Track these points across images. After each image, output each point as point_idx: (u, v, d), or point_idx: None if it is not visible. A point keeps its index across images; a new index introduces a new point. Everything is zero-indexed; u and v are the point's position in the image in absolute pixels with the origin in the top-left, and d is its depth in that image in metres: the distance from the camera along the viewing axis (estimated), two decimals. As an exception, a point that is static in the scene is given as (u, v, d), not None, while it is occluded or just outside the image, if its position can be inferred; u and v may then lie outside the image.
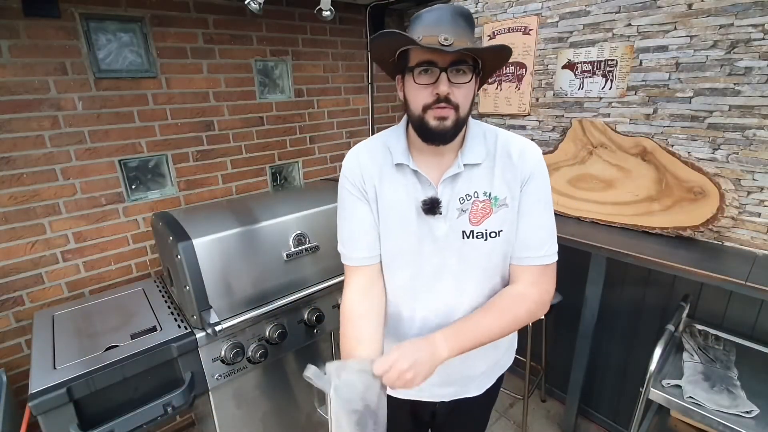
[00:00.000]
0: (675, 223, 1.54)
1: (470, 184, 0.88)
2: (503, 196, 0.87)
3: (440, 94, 0.79)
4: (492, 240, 0.88)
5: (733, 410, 1.15)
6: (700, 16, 1.41)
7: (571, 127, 1.81)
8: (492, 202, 0.87)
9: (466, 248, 0.89)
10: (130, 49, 1.61)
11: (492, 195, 0.87)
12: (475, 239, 0.88)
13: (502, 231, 0.88)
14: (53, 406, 1.11)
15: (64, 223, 1.59)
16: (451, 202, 0.88)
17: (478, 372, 1.04)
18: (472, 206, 0.88)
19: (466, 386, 1.05)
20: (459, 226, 0.88)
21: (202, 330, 1.35)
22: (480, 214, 0.88)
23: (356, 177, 0.93)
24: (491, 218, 0.87)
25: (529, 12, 1.88)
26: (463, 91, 0.81)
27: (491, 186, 0.88)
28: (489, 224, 0.88)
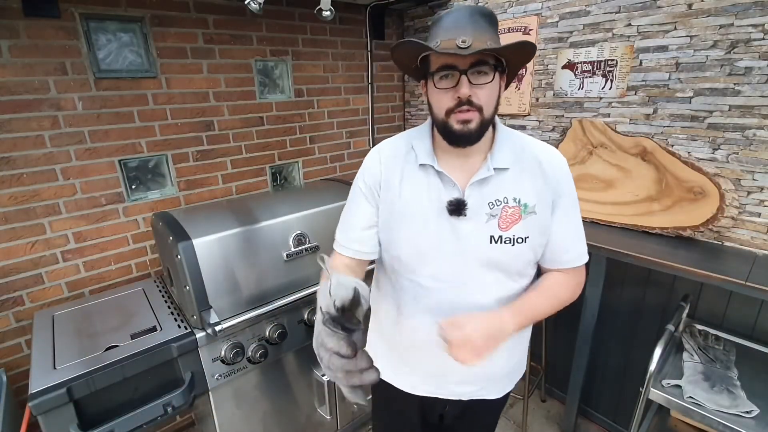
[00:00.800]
0: (675, 223, 1.54)
1: (500, 188, 0.88)
2: (533, 203, 0.88)
3: (461, 97, 0.79)
4: (519, 246, 0.89)
5: (733, 410, 1.15)
6: (700, 16, 1.41)
7: (571, 127, 1.81)
8: (522, 208, 0.88)
9: (492, 253, 0.89)
10: (130, 49, 1.61)
11: (522, 202, 0.88)
12: (504, 244, 0.88)
13: (529, 237, 0.89)
14: (53, 406, 1.11)
15: (64, 223, 1.59)
16: (480, 206, 0.87)
17: (502, 372, 1.04)
18: (502, 212, 0.88)
19: (487, 387, 1.04)
20: (487, 230, 0.88)
21: (202, 330, 1.35)
22: (509, 220, 0.88)
23: (373, 178, 0.95)
24: (520, 224, 0.88)
25: (529, 12, 1.88)
26: (486, 92, 0.81)
27: (521, 192, 0.88)
28: (517, 230, 0.88)
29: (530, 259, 0.93)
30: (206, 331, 1.33)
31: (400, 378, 1.07)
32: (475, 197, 0.87)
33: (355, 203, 0.98)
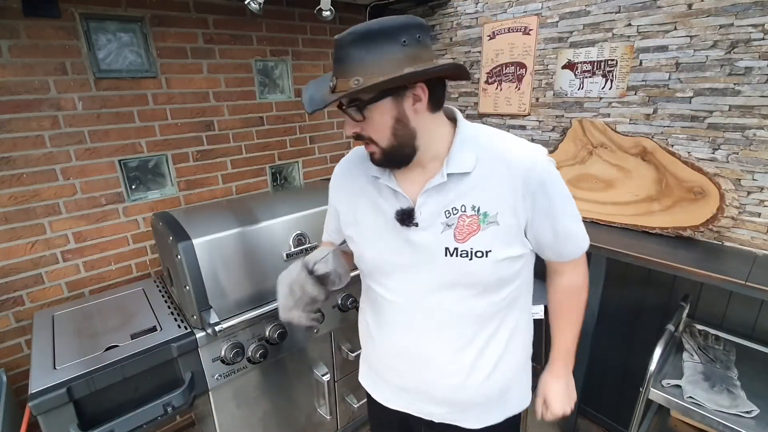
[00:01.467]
0: (675, 223, 1.54)
1: (459, 196, 0.80)
2: (494, 212, 0.79)
3: (347, 135, 0.81)
4: (478, 260, 0.80)
5: (733, 410, 1.15)
6: (700, 16, 1.41)
7: (571, 127, 1.81)
8: (480, 218, 0.80)
9: (449, 267, 0.82)
10: (130, 49, 1.61)
11: (481, 210, 0.80)
12: (459, 257, 0.80)
13: (491, 251, 0.79)
14: (53, 406, 1.11)
15: (64, 223, 1.59)
16: (436, 216, 0.82)
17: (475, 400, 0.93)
18: (458, 221, 0.80)
19: (455, 413, 0.95)
20: (442, 241, 0.81)
21: (202, 330, 1.35)
22: (466, 231, 0.80)
23: (334, 188, 1.01)
24: (478, 236, 0.80)
25: (529, 12, 1.88)
26: (372, 125, 0.76)
27: (482, 200, 0.80)
28: (475, 242, 0.80)
29: (498, 275, 0.82)
30: (206, 331, 1.33)
31: (377, 391, 1.06)
32: (430, 205, 0.82)
33: (329, 208, 1.06)
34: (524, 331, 0.96)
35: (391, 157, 0.80)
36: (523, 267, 0.88)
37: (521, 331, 0.95)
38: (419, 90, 0.75)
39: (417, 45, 0.73)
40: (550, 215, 0.83)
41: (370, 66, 0.71)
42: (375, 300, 0.95)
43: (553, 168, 0.84)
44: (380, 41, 0.71)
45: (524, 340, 0.97)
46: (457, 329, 0.87)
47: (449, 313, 0.86)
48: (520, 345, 0.96)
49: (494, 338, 0.89)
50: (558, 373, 1.01)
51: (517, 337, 0.93)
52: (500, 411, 0.97)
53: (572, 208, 0.87)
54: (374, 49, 0.71)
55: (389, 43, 0.71)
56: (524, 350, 0.98)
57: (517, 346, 0.95)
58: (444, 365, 0.89)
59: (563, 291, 0.97)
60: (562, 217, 0.84)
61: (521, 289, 0.91)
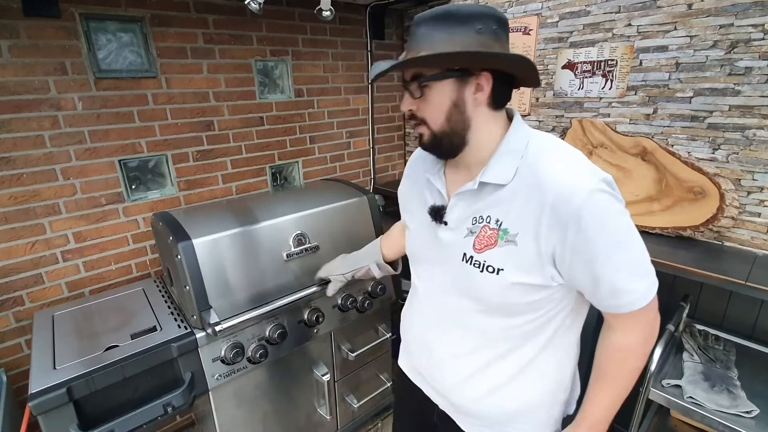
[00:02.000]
0: (675, 223, 1.54)
1: (489, 206, 0.79)
2: (515, 231, 0.75)
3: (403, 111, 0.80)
4: (488, 275, 0.78)
5: (733, 410, 1.15)
6: (700, 16, 1.41)
7: (571, 127, 1.81)
8: (500, 233, 0.77)
9: (462, 273, 0.83)
10: (130, 49, 1.61)
11: (502, 226, 0.77)
12: (471, 266, 0.80)
13: (503, 270, 0.76)
14: (53, 406, 1.11)
15: (64, 223, 1.59)
16: (465, 219, 0.82)
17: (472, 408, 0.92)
18: (481, 231, 0.79)
19: (458, 413, 0.96)
20: (463, 246, 0.82)
21: (202, 330, 1.35)
22: (485, 242, 0.79)
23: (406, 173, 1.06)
24: (494, 251, 0.77)
25: (529, 12, 1.88)
26: (429, 105, 0.76)
27: (505, 215, 0.76)
28: (490, 257, 0.78)
29: (506, 299, 0.79)
30: (206, 331, 1.33)
31: (402, 358, 1.14)
32: (460, 208, 0.83)
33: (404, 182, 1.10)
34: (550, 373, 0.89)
35: (439, 143, 0.79)
36: (550, 302, 0.80)
37: (545, 373, 0.88)
38: (483, 79, 0.74)
39: (492, 36, 0.71)
40: (587, 258, 0.71)
41: (438, 43, 0.71)
42: (413, 282, 1.02)
43: (605, 202, 0.70)
44: (454, 24, 0.70)
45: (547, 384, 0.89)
46: (459, 336, 0.88)
47: (455, 318, 0.88)
48: (540, 382, 0.88)
49: (500, 362, 0.86)
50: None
51: (535, 373, 0.86)
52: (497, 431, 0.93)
53: (624, 256, 0.72)
54: (447, 29, 0.70)
55: (463, 27, 0.70)
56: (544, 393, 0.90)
57: (535, 383, 0.88)
58: (444, 362, 0.92)
59: (610, 348, 0.83)
60: (604, 265, 0.71)
61: (548, 325, 0.83)
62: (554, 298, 0.80)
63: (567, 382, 0.93)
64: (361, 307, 1.71)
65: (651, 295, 0.75)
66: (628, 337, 0.80)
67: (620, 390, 0.84)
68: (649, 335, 0.80)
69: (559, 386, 0.91)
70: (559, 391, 0.92)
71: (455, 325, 0.88)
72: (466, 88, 0.75)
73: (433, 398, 1.03)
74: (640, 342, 0.80)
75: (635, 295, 0.74)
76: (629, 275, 0.73)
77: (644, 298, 0.74)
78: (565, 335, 0.87)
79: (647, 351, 0.82)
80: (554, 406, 0.93)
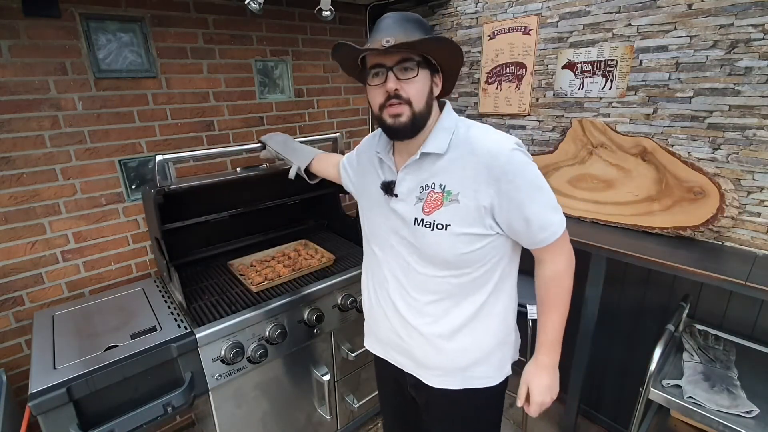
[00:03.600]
0: (675, 223, 1.54)
1: (432, 175, 0.94)
2: (456, 191, 0.91)
3: (389, 91, 0.88)
4: (438, 231, 0.92)
5: (733, 410, 1.15)
6: (700, 16, 1.41)
7: (571, 127, 1.81)
8: (444, 195, 0.92)
9: (415, 235, 0.96)
10: (130, 49, 1.61)
11: (446, 188, 0.92)
12: (423, 227, 0.94)
13: (450, 225, 0.91)
14: (53, 406, 1.11)
15: (64, 223, 1.59)
16: (413, 190, 0.96)
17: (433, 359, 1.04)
18: (428, 196, 0.94)
19: (422, 368, 1.08)
20: (414, 212, 0.96)
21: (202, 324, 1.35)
22: (432, 205, 0.93)
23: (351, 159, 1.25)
24: (441, 210, 0.92)
25: (529, 12, 1.88)
26: (413, 86, 0.89)
27: (447, 179, 0.92)
28: (438, 216, 0.92)
29: (456, 250, 0.92)
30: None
31: (369, 340, 1.24)
32: (409, 180, 0.97)
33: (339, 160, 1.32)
34: (498, 317, 1.02)
35: (414, 122, 0.92)
36: (491, 250, 0.95)
37: (493, 317, 1.02)
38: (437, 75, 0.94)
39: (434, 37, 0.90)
40: (518, 202, 0.89)
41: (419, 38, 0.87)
42: (371, 259, 1.13)
43: (522, 157, 0.90)
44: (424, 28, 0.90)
45: (497, 325, 1.03)
46: (418, 292, 1.01)
47: (414, 276, 1.00)
48: (491, 328, 1.02)
49: (455, 309, 0.99)
50: (541, 363, 1.04)
51: (485, 319, 1.01)
52: (460, 380, 1.05)
53: (543, 197, 0.91)
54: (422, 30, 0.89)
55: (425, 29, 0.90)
56: (495, 335, 1.03)
57: (487, 328, 1.02)
58: (406, 320, 1.04)
59: (545, 279, 0.99)
60: (530, 205, 0.89)
61: (492, 274, 0.98)
62: (496, 245, 0.95)
63: (511, 324, 1.07)
64: (361, 307, 1.71)
65: (564, 225, 0.94)
66: (556, 265, 0.97)
67: (563, 311, 1.00)
68: (570, 258, 0.99)
69: (506, 328, 1.05)
70: (506, 333, 1.06)
71: (415, 281, 1.01)
72: (432, 79, 0.93)
73: (399, 364, 1.13)
74: (565, 265, 0.98)
75: (555, 226, 0.92)
76: (550, 211, 0.92)
77: (561, 226, 0.93)
78: (506, 281, 1.02)
79: (572, 273, 0.99)
80: (505, 348, 1.07)
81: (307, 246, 1.98)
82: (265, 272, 1.69)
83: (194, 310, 1.49)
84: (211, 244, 1.95)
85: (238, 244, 2.02)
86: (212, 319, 1.41)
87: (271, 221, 2.12)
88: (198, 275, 1.79)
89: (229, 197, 1.89)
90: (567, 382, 1.91)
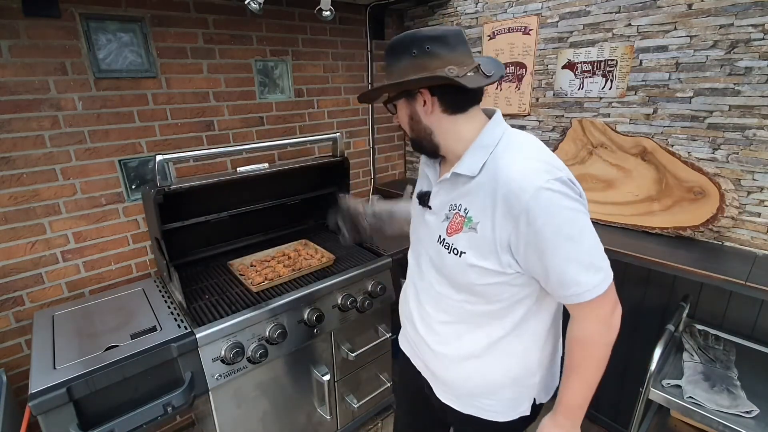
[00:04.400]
0: (675, 223, 1.54)
1: (462, 195, 0.89)
2: (477, 220, 0.85)
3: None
4: (454, 257, 0.89)
5: (733, 410, 1.15)
6: (700, 16, 1.41)
7: (571, 127, 1.81)
8: (465, 221, 0.87)
9: (436, 251, 0.95)
10: (130, 49, 1.61)
11: (468, 214, 0.87)
12: (443, 247, 0.92)
13: (465, 253, 0.87)
14: (53, 406, 1.11)
15: (64, 223, 1.59)
16: (444, 206, 0.93)
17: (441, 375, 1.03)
18: (453, 217, 0.90)
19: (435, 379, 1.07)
20: (439, 229, 0.94)
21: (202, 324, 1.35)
22: (454, 228, 0.90)
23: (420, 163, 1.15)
24: (460, 236, 0.88)
25: (529, 12, 1.88)
26: (399, 118, 0.96)
27: (471, 205, 0.87)
28: (456, 240, 0.89)
29: (468, 279, 0.88)
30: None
31: (401, 336, 1.21)
32: (440, 196, 0.95)
33: None
34: (516, 357, 0.95)
35: (417, 145, 0.96)
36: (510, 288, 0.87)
37: (511, 356, 0.94)
38: (426, 94, 0.86)
39: (425, 55, 0.84)
40: (536, 249, 0.79)
41: (391, 73, 0.89)
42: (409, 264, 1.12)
43: (552, 198, 0.77)
44: (399, 53, 0.87)
45: (513, 365, 0.95)
46: (433, 308, 1.00)
47: (433, 292, 0.99)
48: (505, 365, 0.95)
49: (469, 336, 0.95)
50: (561, 424, 0.94)
51: (499, 356, 0.94)
52: (466, 404, 1.02)
53: (571, 249, 0.78)
54: (395, 58, 0.88)
55: (404, 54, 0.86)
56: (508, 373, 0.96)
57: (500, 365, 0.95)
58: (422, 330, 1.04)
59: (570, 338, 0.89)
60: (552, 256, 0.78)
61: (510, 311, 0.90)
62: (515, 284, 0.87)
63: (534, 367, 0.97)
64: (361, 307, 1.71)
65: (600, 290, 0.80)
66: (584, 329, 0.86)
67: (586, 377, 0.89)
68: (604, 328, 0.85)
69: (525, 370, 0.96)
70: (525, 375, 0.97)
71: (432, 297, 1.00)
72: (415, 104, 0.90)
73: (418, 367, 1.13)
74: (596, 333, 0.85)
75: (583, 288, 0.79)
76: (577, 268, 0.79)
77: (592, 291, 0.79)
78: (531, 322, 0.93)
79: (607, 341, 0.86)
80: (521, 389, 0.99)
81: (307, 246, 1.97)
82: (265, 272, 1.69)
83: (194, 310, 1.49)
84: (211, 244, 1.95)
85: (238, 244, 2.02)
86: (212, 319, 1.41)
87: (271, 221, 2.11)
88: (198, 275, 1.78)
89: (229, 197, 1.88)
90: (567, 382, 1.91)
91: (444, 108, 0.88)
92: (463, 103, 0.88)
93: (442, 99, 0.87)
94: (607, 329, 0.85)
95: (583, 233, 0.80)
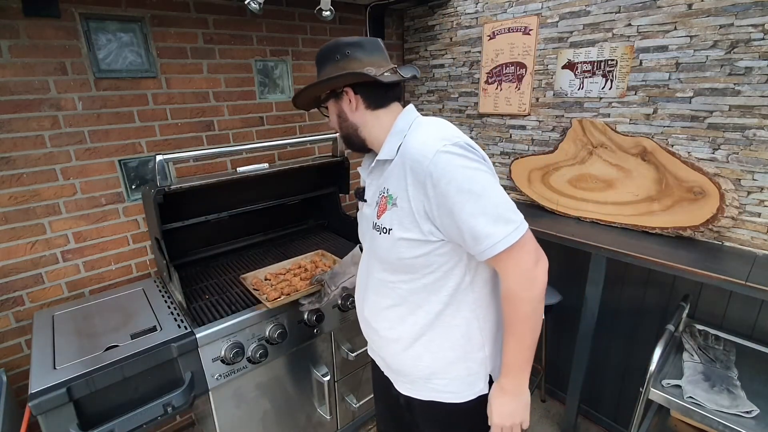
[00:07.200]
0: (675, 223, 1.54)
1: (384, 180, 0.96)
2: (396, 196, 0.91)
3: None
4: (384, 235, 0.94)
5: (733, 410, 1.15)
6: (700, 16, 1.41)
7: (571, 127, 1.81)
8: (388, 199, 0.93)
9: (371, 237, 0.99)
10: (130, 49, 1.61)
11: (389, 192, 0.93)
12: (375, 231, 0.97)
13: (392, 229, 0.92)
14: (53, 406, 1.11)
15: (64, 223, 1.59)
16: (375, 194, 0.99)
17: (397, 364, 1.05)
18: (380, 200, 0.96)
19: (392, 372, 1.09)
20: (373, 216, 0.98)
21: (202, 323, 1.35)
22: (381, 209, 0.95)
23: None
24: (386, 214, 0.93)
25: (529, 12, 1.88)
26: (330, 118, 1.04)
27: (391, 184, 0.93)
28: (384, 219, 0.94)
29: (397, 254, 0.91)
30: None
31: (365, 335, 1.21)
32: (371, 186, 1.02)
33: None
34: (458, 330, 0.96)
35: (345, 142, 1.04)
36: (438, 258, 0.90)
37: (452, 328, 0.96)
38: (350, 93, 0.96)
39: (345, 59, 0.95)
40: (447, 209, 0.83)
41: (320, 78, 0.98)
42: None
43: (449, 159, 0.82)
44: (325, 59, 0.97)
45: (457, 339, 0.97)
46: (377, 295, 1.03)
47: (374, 279, 1.03)
48: (449, 339, 0.97)
49: (410, 317, 0.98)
50: (504, 388, 0.95)
51: (442, 330, 0.96)
52: (425, 390, 1.03)
53: (477, 203, 0.81)
54: (322, 64, 0.99)
55: (329, 59, 0.97)
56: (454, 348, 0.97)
57: (445, 339, 0.97)
58: (372, 321, 1.06)
59: (502, 296, 0.90)
60: (459, 213, 0.81)
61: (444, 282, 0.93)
62: (442, 253, 0.90)
63: (477, 339, 0.98)
64: (361, 307, 1.71)
65: (513, 238, 0.81)
66: (507, 284, 0.87)
67: (519, 336, 0.89)
68: (527, 281, 0.84)
69: (469, 342, 0.97)
70: (471, 348, 0.98)
71: (375, 285, 1.04)
72: (342, 103, 0.98)
73: (380, 365, 1.15)
74: (518, 287, 0.85)
75: (495, 239, 0.81)
76: (486, 220, 0.81)
77: (504, 240, 0.81)
78: (467, 292, 0.95)
79: (532, 297, 0.85)
80: (471, 365, 0.99)
81: (324, 257, 1.84)
82: (280, 286, 1.56)
83: (194, 310, 1.49)
84: (211, 244, 1.95)
85: (238, 244, 2.02)
86: (212, 319, 1.41)
87: (271, 221, 2.12)
88: (198, 275, 1.78)
89: (229, 197, 1.88)
90: (567, 382, 1.91)
91: (367, 104, 0.96)
92: (383, 99, 0.97)
93: (364, 96, 0.96)
94: (530, 282, 0.84)
95: (487, 189, 0.83)
